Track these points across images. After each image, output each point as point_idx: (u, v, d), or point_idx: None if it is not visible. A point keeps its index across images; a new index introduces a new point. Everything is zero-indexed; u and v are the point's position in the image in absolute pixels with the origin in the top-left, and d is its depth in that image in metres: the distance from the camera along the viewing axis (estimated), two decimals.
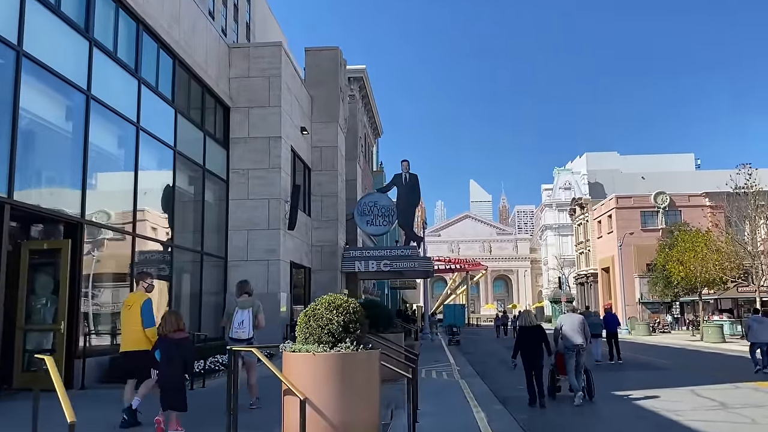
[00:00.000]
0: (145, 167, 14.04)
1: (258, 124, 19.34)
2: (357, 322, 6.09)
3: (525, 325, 11.88)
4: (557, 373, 12.70)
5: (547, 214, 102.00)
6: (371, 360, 6.10)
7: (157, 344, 7.40)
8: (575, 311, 13.67)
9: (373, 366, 6.13)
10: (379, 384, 6.33)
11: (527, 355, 11.61)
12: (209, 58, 17.77)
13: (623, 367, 20.67)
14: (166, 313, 7.64)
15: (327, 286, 23.48)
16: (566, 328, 12.16)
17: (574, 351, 11.93)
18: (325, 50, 24.92)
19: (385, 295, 51.12)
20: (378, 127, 46.65)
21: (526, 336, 11.72)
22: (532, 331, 11.76)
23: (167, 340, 7.27)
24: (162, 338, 7.35)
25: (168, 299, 15.19)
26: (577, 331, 12.05)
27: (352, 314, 6.10)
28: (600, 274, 70.48)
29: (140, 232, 13.47)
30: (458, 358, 22.85)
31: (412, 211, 27.41)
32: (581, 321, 12.31)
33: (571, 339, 11.99)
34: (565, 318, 12.60)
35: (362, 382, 5.97)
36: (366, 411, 5.98)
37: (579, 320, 12.32)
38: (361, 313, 6.21)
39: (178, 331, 7.34)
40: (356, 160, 29.89)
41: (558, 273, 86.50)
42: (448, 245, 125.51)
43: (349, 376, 5.84)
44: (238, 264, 18.81)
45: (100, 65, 12.02)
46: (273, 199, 18.97)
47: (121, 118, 12.81)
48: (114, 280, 13.01)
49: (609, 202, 67.78)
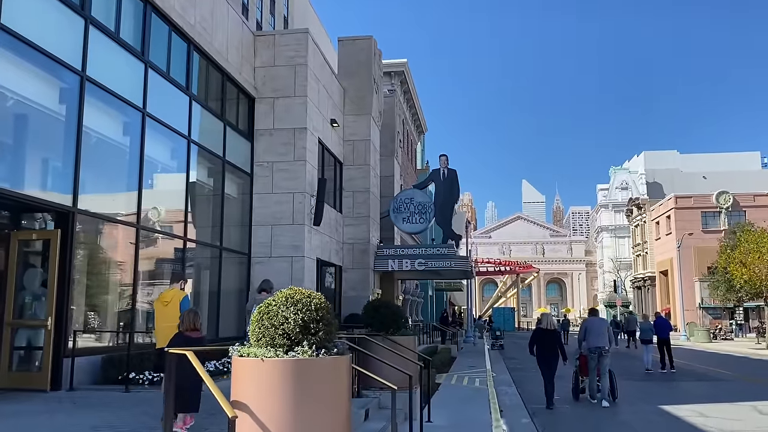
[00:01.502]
0: (153, 156, 13.31)
1: (283, 115, 18.48)
2: (320, 321, 4.99)
3: (544, 328, 12.17)
4: (581, 374, 13.18)
5: (603, 215, 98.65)
6: (337, 367, 4.99)
7: (173, 342, 7.07)
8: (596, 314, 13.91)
9: (341, 375, 5.02)
10: (350, 395, 5.22)
11: (544, 357, 11.99)
12: (230, 45, 17.01)
13: (676, 377, 18.96)
14: (185, 312, 7.50)
15: (358, 285, 22.52)
16: (590, 330, 12.65)
17: (596, 353, 12.42)
18: (359, 40, 23.95)
19: (429, 297, 49.86)
20: (422, 124, 45.49)
21: (543, 337, 12.06)
22: (549, 334, 12.10)
23: (184, 338, 7.04)
24: (178, 335, 7.16)
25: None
26: (600, 333, 12.54)
27: (315, 312, 5.00)
28: (658, 277, 67.43)
29: (145, 224, 12.71)
30: (497, 363, 21.51)
31: (451, 207, 26.14)
32: (605, 324, 12.91)
33: (593, 341, 12.46)
34: (589, 321, 13.10)
35: (325, 394, 4.87)
36: (330, 428, 4.89)
37: (603, 324, 12.89)
38: (328, 311, 5.11)
39: (194, 331, 7.18)
40: (394, 156, 28.80)
41: (614, 276, 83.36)
42: (498, 247, 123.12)
43: (306, 386, 4.76)
44: (261, 261, 17.98)
45: (97, 44, 11.30)
46: (297, 193, 18.06)
47: (121, 102, 12.06)
48: (111, 274, 12.26)
49: (668, 202, 64.77)
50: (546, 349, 11.90)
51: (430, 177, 27.52)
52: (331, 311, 5.22)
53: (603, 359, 12.30)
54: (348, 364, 5.16)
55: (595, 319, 13.03)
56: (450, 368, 19.14)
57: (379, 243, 24.30)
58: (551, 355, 11.84)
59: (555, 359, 11.86)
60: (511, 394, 13.88)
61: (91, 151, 11.24)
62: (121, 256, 12.34)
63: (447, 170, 26.54)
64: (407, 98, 38.95)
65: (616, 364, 23.63)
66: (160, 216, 13.68)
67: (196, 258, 15.62)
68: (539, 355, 12.01)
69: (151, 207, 13.20)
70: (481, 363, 20.95)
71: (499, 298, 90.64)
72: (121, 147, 12.49)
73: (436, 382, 14.71)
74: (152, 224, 13.30)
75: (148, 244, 13.27)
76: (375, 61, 23.90)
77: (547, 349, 11.88)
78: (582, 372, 13.08)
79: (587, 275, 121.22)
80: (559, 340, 12.14)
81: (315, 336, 4.94)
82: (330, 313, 5.17)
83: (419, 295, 42.72)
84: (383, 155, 28.28)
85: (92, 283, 11.47)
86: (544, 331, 12.05)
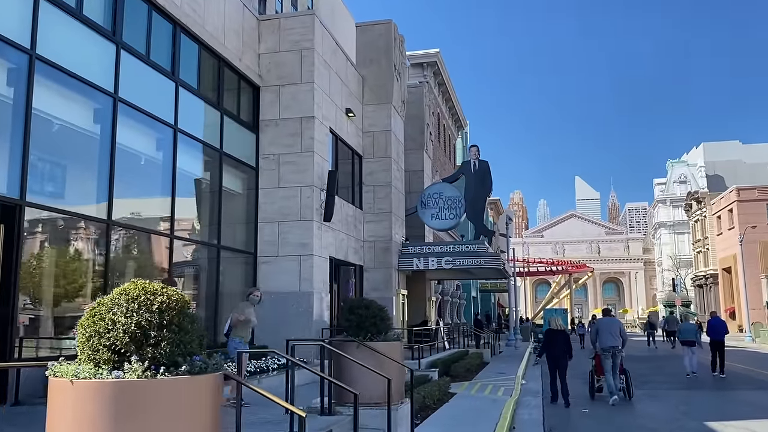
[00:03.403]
0: (129, 145, 12.16)
1: (289, 103, 17.22)
2: (166, 327, 3.57)
3: (553, 329, 13.19)
4: (596, 373, 13.62)
5: (661, 210, 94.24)
6: (193, 393, 3.56)
7: None
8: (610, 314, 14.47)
9: (199, 404, 3.59)
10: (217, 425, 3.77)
11: (552, 355, 12.81)
12: (228, 29, 15.84)
13: (728, 384, 16.79)
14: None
15: (380, 285, 21.07)
16: (602, 330, 13.12)
17: (610, 352, 12.84)
18: (378, 25, 22.52)
19: (472, 298, 47.94)
20: (461, 119, 43.68)
21: (553, 338, 12.99)
22: (559, 334, 13.01)
23: None
24: None
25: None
26: (611, 333, 12.95)
27: (158, 314, 3.58)
28: (720, 274, 63.54)
29: (118, 219, 11.56)
30: (532, 370, 19.69)
31: (483, 201, 24.42)
32: (616, 324, 13.30)
33: (606, 341, 12.94)
34: (600, 321, 13.73)
35: (173, 427, 3.46)
36: None
37: (614, 323, 13.36)
38: (181, 313, 3.68)
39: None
40: (423, 149, 27.22)
41: (673, 274, 79.32)
42: (551, 246, 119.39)
43: (140, 418, 3.35)
44: (268, 260, 16.74)
45: (51, 17, 10.21)
46: (305, 187, 16.75)
47: (85, 84, 10.93)
48: (72, 276, 11.11)
49: (729, 195, 60.94)
50: (555, 349, 12.78)
51: (460, 170, 25.88)
52: (192, 314, 3.80)
53: (616, 358, 12.83)
54: (214, 385, 3.72)
55: (606, 319, 13.72)
56: (476, 375, 17.48)
57: (405, 241, 22.79)
58: (561, 353, 12.70)
59: (564, 358, 12.72)
60: (533, 407, 12.20)
61: (47, 140, 10.16)
62: (87, 255, 11.23)
63: (478, 162, 24.84)
64: (442, 90, 37.26)
65: (656, 368, 21.75)
66: (139, 211, 12.56)
67: (187, 257, 14.47)
68: (548, 354, 12.94)
69: (127, 201, 12.09)
70: (514, 369, 19.18)
71: (552, 299, 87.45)
72: (88, 135, 11.35)
73: (451, 392, 13.14)
74: (129, 220, 12.15)
75: (125, 242, 12.16)
76: (395, 46, 22.44)
77: (557, 348, 12.76)
78: (597, 371, 13.57)
79: (645, 274, 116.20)
80: (569, 340, 13.03)
81: (156, 348, 3.51)
82: (188, 317, 3.74)
83: (460, 296, 40.92)
84: (412, 149, 26.77)
85: (47, 284, 10.38)
86: (554, 332, 13.11)
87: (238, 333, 9.77)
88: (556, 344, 12.84)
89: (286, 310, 16.05)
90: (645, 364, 23.44)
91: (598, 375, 13.55)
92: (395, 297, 21.04)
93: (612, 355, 12.81)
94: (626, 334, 13.35)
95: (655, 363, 23.61)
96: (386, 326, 8.51)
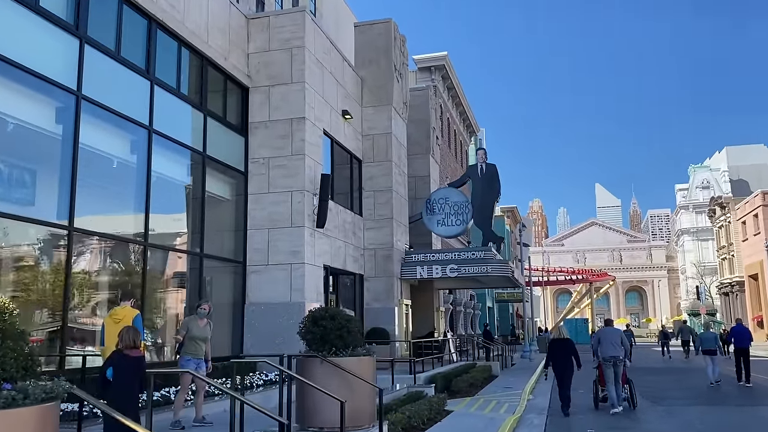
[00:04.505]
0: (95, 146, 11.34)
1: (279, 104, 16.39)
2: None
3: (556, 338, 13.17)
4: (599, 383, 13.53)
5: (683, 217, 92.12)
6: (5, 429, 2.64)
7: (111, 361, 6.69)
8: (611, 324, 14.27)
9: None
10: None
11: (558, 365, 12.67)
12: (212, 27, 15.07)
13: (753, 398, 15.52)
14: (123, 329, 6.89)
15: (382, 295, 20.08)
16: (603, 340, 13.09)
17: (611, 362, 12.77)
18: (377, 24, 21.67)
19: (487, 309, 46.69)
20: (473, 124, 42.64)
21: (557, 348, 12.83)
22: (562, 343, 12.84)
23: (125, 358, 6.58)
24: (119, 354, 6.62)
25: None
26: (612, 343, 12.90)
27: None
28: (747, 282, 61.48)
29: (82, 227, 10.73)
30: (543, 384, 18.49)
31: (491, 207, 23.34)
32: (618, 334, 13.26)
33: (607, 351, 12.89)
34: (601, 331, 13.65)
35: None
36: None
37: (616, 333, 13.33)
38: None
39: (133, 349, 6.67)
40: (429, 154, 26.24)
41: (697, 282, 77.18)
42: (572, 255, 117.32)
43: None
44: (257, 269, 15.85)
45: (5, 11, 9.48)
46: (296, 191, 15.87)
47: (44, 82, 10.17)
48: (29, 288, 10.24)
49: (754, 199, 59.05)
50: (560, 357, 12.62)
51: (466, 174, 24.85)
52: (15, 330, 2.88)
53: (617, 368, 12.73)
54: (38, 422, 2.78)
55: (608, 329, 13.66)
56: (480, 390, 16.38)
57: (409, 248, 21.80)
58: (566, 362, 12.50)
59: (569, 367, 12.52)
60: (534, 426, 11.10)
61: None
62: (46, 265, 10.41)
63: (485, 165, 23.79)
64: (452, 95, 36.31)
65: (674, 382, 20.41)
66: (107, 216, 11.74)
67: (164, 267, 13.61)
68: (554, 363, 12.72)
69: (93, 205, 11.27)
70: (522, 383, 18.02)
71: (573, 308, 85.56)
72: (46, 134, 10.58)
73: (447, 410, 12.10)
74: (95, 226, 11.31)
75: (88, 250, 11.32)
76: (396, 45, 21.57)
77: (562, 357, 12.59)
78: (600, 381, 13.46)
79: (669, 282, 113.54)
80: (574, 348, 12.69)
81: None
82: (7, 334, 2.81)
83: (474, 306, 39.74)
84: (417, 153, 25.84)
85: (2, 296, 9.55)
86: (558, 341, 12.94)
87: (188, 350, 8.95)
88: (560, 353, 12.72)
89: (276, 322, 15.16)
90: (662, 376, 22.11)
91: (601, 385, 13.46)
92: (397, 307, 20.04)
93: (613, 364, 12.74)
94: (627, 344, 13.38)
95: (672, 376, 22.26)
96: (354, 339, 7.52)
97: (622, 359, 12.84)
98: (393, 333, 19.42)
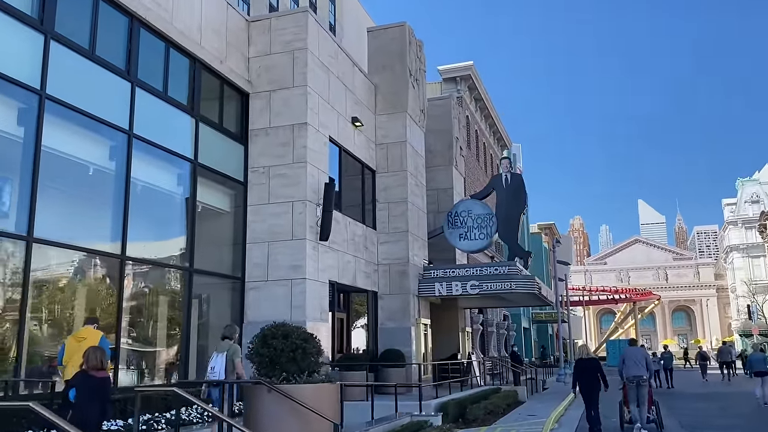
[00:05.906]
0: (64, 150, 10.47)
1: (281, 110, 15.40)
2: None
3: (582, 357, 12.82)
4: (625, 404, 13.07)
5: (732, 233, 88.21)
6: None
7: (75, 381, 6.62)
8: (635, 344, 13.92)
9: None
10: None
11: (585, 385, 12.30)
12: (205, 28, 14.20)
13: None
14: (90, 349, 6.70)
15: (397, 314, 18.74)
16: (627, 360, 12.77)
17: (634, 382, 12.49)
18: (391, 28, 20.59)
19: (523, 329, 44.73)
20: (504, 137, 41.14)
21: (584, 367, 12.47)
22: (587, 362, 12.52)
23: (90, 378, 6.45)
24: (84, 375, 6.50)
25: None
26: (637, 363, 12.60)
27: None
28: None
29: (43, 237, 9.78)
30: (573, 411, 16.85)
31: (516, 219, 21.85)
32: (642, 354, 12.92)
33: (630, 370, 12.59)
34: (626, 351, 13.18)
35: None
36: None
37: (640, 353, 12.97)
38: None
39: (99, 370, 6.52)
40: (452, 165, 24.93)
41: (749, 301, 73.36)
42: (615, 274, 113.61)
43: None
44: (257, 285, 14.77)
45: None
46: (297, 202, 14.78)
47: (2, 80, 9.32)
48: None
49: None
50: (586, 378, 12.29)
51: (489, 184, 23.44)
52: None
53: (641, 388, 12.46)
54: None
55: (632, 348, 13.33)
56: (501, 418, 14.86)
57: (428, 264, 20.45)
58: (592, 382, 12.18)
59: (596, 387, 12.18)
60: None
61: None
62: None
63: (510, 175, 22.37)
64: (480, 106, 34.97)
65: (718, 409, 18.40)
66: (74, 227, 10.78)
67: (146, 283, 12.58)
68: (581, 384, 12.37)
69: (58, 214, 10.34)
70: (549, 410, 16.38)
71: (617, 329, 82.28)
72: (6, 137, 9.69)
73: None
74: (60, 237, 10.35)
75: (52, 264, 10.36)
76: (411, 50, 20.45)
77: (588, 377, 12.28)
78: (626, 402, 13.08)
79: (719, 301, 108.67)
80: (600, 367, 12.41)
81: None
82: None
83: (508, 327, 37.95)
84: (439, 165, 24.60)
85: None
86: (584, 360, 12.64)
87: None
88: (585, 373, 12.37)
89: None
90: (703, 403, 20.16)
91: (627, 406, 13.02)
92: (414, 327, 18.67)
93: (637, 384, 12.45)
94: (652, 364, 13.15)
95: (716, 402, 20.24)
96: (311, 363, 6.27)
97: (645, 379, 12.50)
98: (409, 355, 18.04)
